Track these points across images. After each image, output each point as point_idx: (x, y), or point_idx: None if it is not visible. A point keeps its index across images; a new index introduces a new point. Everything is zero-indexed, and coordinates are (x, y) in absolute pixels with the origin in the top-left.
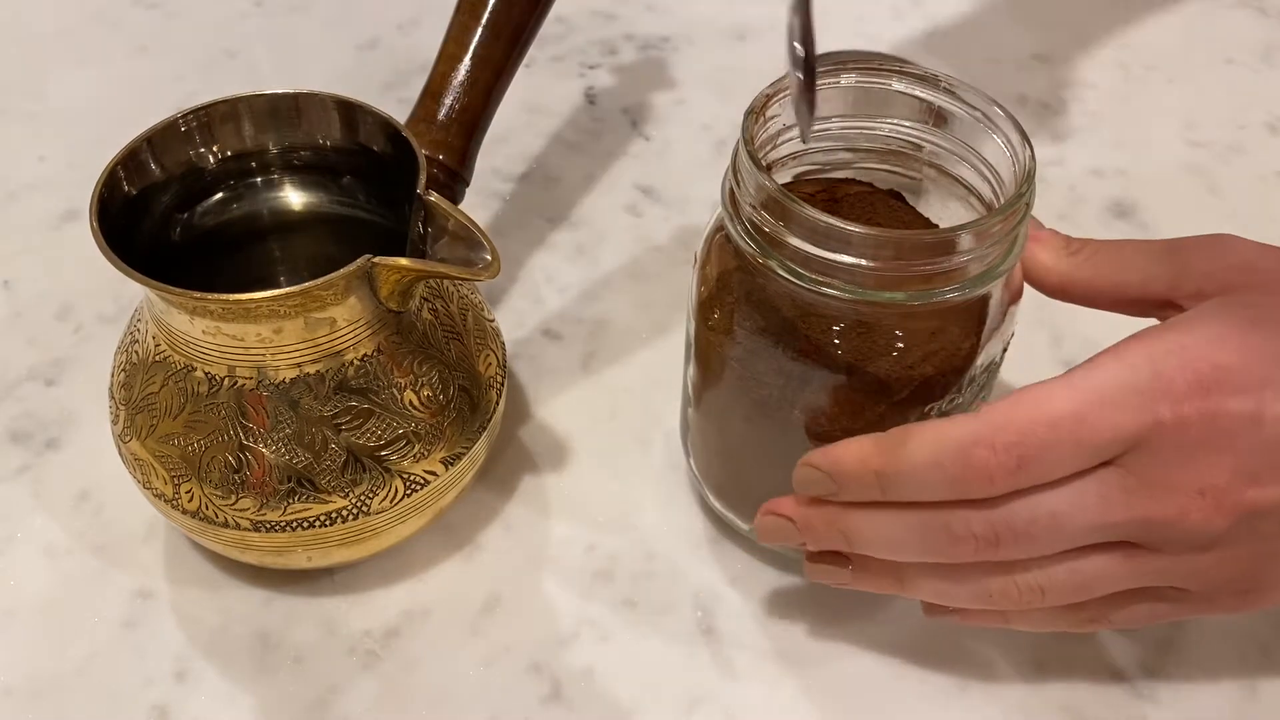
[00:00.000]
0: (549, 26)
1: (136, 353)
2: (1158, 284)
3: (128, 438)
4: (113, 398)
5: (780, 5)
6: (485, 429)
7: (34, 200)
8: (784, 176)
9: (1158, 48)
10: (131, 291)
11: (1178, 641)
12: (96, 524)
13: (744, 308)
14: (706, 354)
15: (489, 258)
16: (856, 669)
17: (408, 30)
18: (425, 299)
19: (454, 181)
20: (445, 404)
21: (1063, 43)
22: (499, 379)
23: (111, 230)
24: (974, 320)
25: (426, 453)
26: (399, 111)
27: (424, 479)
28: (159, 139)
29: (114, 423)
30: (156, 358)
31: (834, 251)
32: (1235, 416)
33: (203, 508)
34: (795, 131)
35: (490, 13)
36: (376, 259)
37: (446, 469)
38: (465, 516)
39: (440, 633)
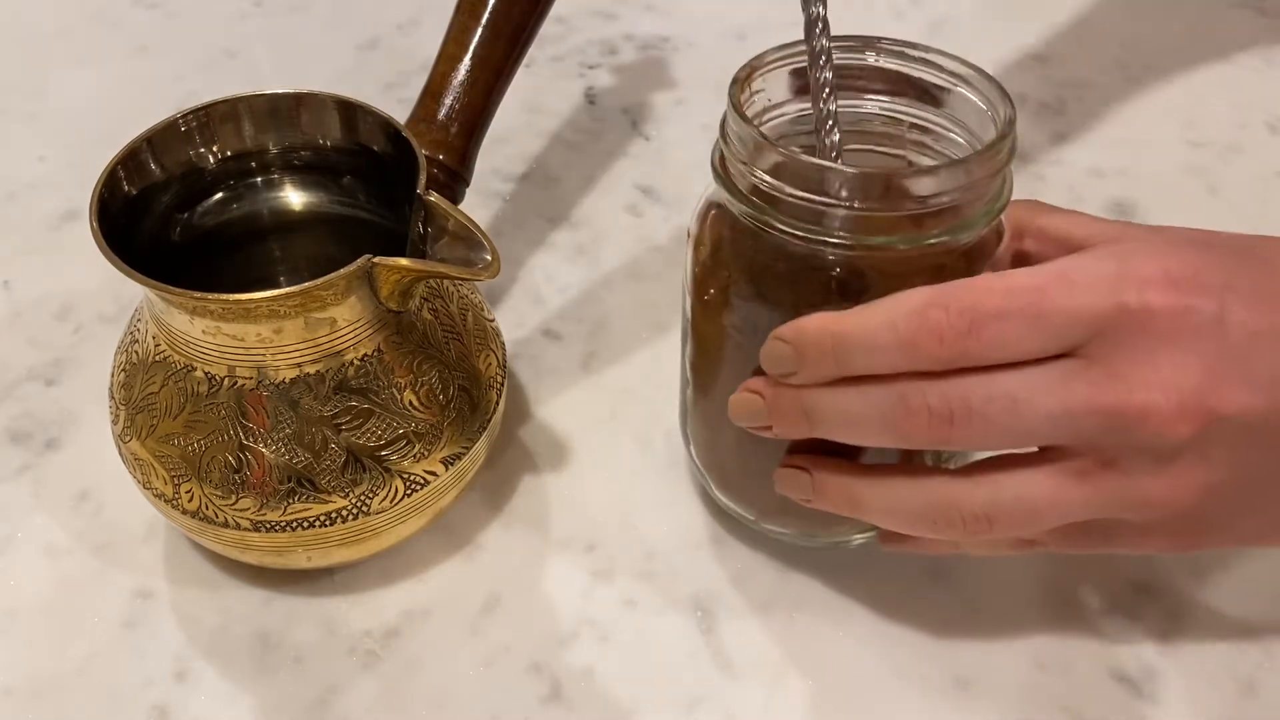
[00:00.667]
0: (549, 26)
1: (136, 353)
2: (1103, 240)
3: (128, 438)
4: (113, 398)
5: (779, 6)
6: (485, 429)
7: (34, 200)
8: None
9: (1158, 48)
10: (131, 291)
11: (1178, 641)
12: (96, 524)
13: (740, 276)
14: (705, 331)
15: (489, 258)
16: (857, 669)
17: (408, 30)
18: (425, 299)
19: (454, 181)
20: (445, 404)
21: (1063, 43)
22: (499, 379)
23: (111, 230)
24: (968, 269)
25: (426, 453)
26: (399, 111)
27: (424, 479)
28: (159, 139)
29: (114, 423)
30: (156, 358)
31: (826, 196)
32: (1201, 315)
33: (203, 508)
34: (778, 112)
35: (490, 13)
36: (377, 259)
37: (446, 469)
38: (465, 516)
39: (440, 633)
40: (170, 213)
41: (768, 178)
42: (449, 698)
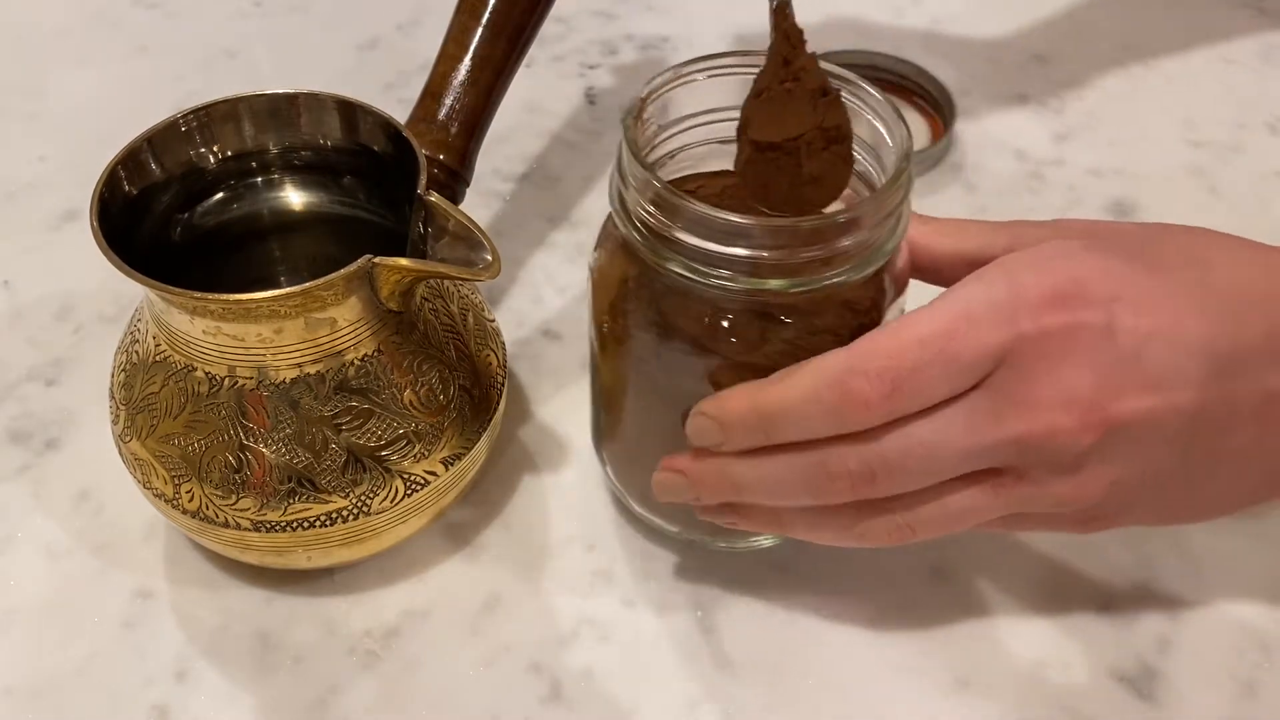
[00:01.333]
0: (549, 26)
1: (137, 353)
2: (995, 249)
3: (128, 438)
4: (113, 398)
5: None
6: (485, 429)
7: (34, 200)
8: (666, 174)
9: (1158, 48)
10: (131, 291)
11: (1178, 641)
12: (96, 524)
13: (642, 307)
14: (610, 360)
15: (489, 258)
16: (856, 668)
17: (408, 30)
18: (425, 299)
19: (454, 181)
20: (445, 404)
21: (1063, 43)
22: (499, 379)
23: (111, 230)
24: (868, 297)
25: (427, 453)
26: (399, 111)
27: (424, 479)
28: (159, 139)
29: (114, 423)
30: (157, 358)
31: (723, 244)
32: (1091, 328)
33: (203, 508)
34: (671, 130)
35: (490, 13)
36: (377, 259)
37: (446, 469)
38: (465, 516)
39: (440, 633)
40: (170, 213)
41: (664, 220)
42: (449, 698)
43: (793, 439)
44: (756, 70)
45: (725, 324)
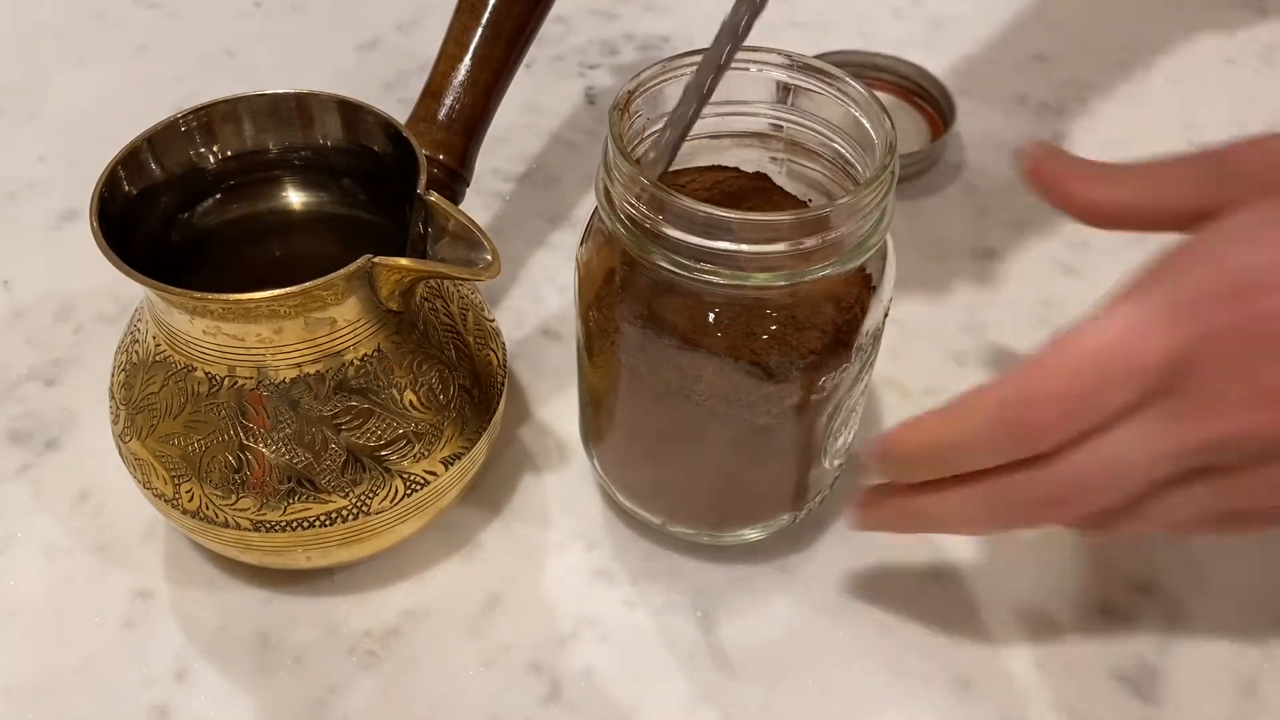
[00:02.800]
0: (549, 26)
1: (137, 353)
2: (1208, 199)
3: (128, 438)
4: (113, 398)
5: (780, 8)
6: (485, 429)
7: (34, 200)
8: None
9: (1158, 48)
10: (131, 291)
11: (1178, 641)
12: (96, 524)
13: (629, 301)
14: (598, 352)
15: (489, 258)
16: (857, 669)
17: (408, 30)
18: (425, 299)
19: (454, 181)
20: (445, 404)
21: (1063, 43)
22: (499, 379)
23: (111, 230)
24: (853, 292)
25: (426, 453)
26: (399, 111)
27: (424, 479)
28: (159, 139)
29: (114, 423)
30: (157, 358)
31: (708, 238)
32: (1273, 317)
33: (203, 508)
34: (659, 125)
35: (490, 13)
36: (377, 259)
37: (446, 469)
38: (465, 516)
39: (440, 633)
40: (170, 213)
41: (650, 214)
42: (449, 698)
43: (973, 469)
44: (746, 65)
45: (710, 317)
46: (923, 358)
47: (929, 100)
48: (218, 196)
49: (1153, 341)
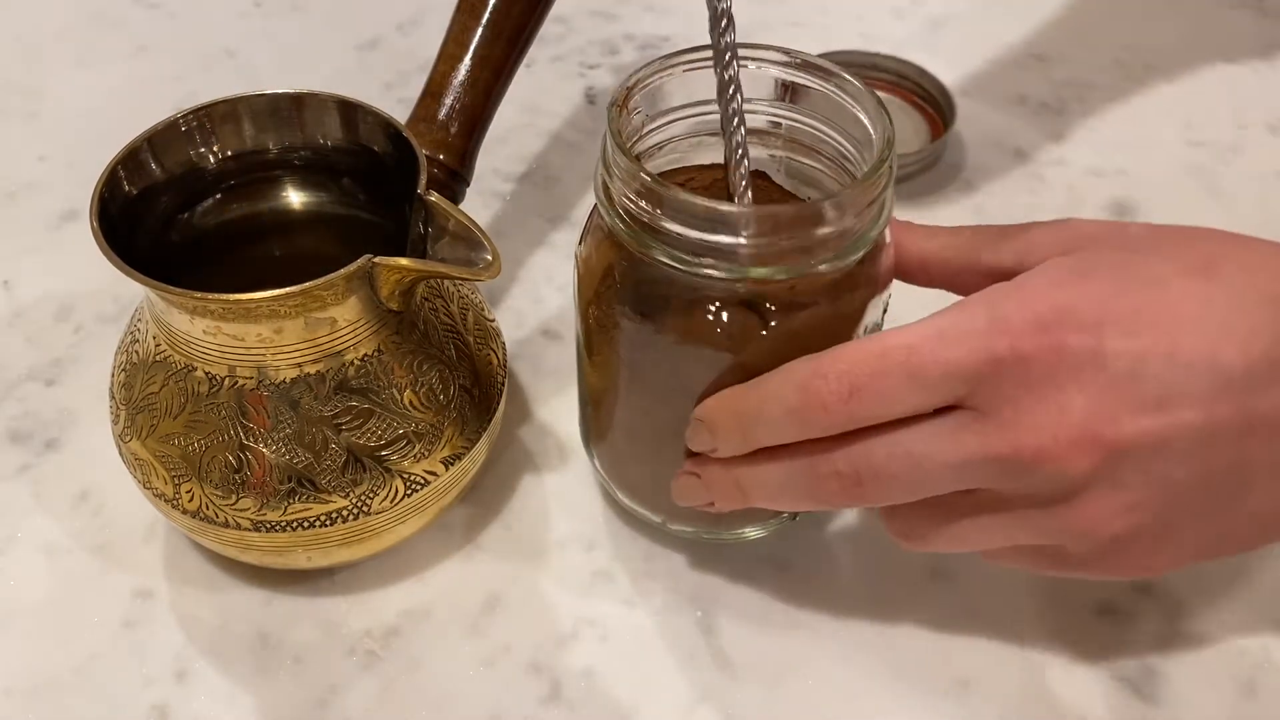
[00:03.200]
0: (549, 26)
1: (137, 353)
2: (1006, 257)
3: (128, 438)
4: (113, 398)
5: (780, 8)
6: (485, 429)
7: (34, 200)
8: (652, 167)
9: (1158, 48)
10: (131, 291)
11: (1178, 641)
12: (96, 524)
13: (628, 298)
14: (597, 349)
15: (489, 258)
16: (856, 668)
17: (408, 30)
18: (425, 299)
19: (454, 181)
20: (445, 404)
21: (1063, 43)
22: (499, 379)
23: (111, 230)
24: (852, 286)
25: (427, 453)
26: (399, 111)
27: (424, 479)
28: (159, 139)
29: (114, 423)
30: (157, 358)
31: (707, 232)
32: (1076, 352)
33: (203, 508)
34: (660, 121)
35: (490, 13)
36: (377, 259)
37: (446, 469)
38: (465, 516)
39: (440, 633)
40: (170, 213)
41: (649, 209)
42: (449, 698)
43: (767, 442)
44: (744, 63)
45: (709, 313)
46: None
47: (929, 100)
48: (218, 196)
49: (942, 353)
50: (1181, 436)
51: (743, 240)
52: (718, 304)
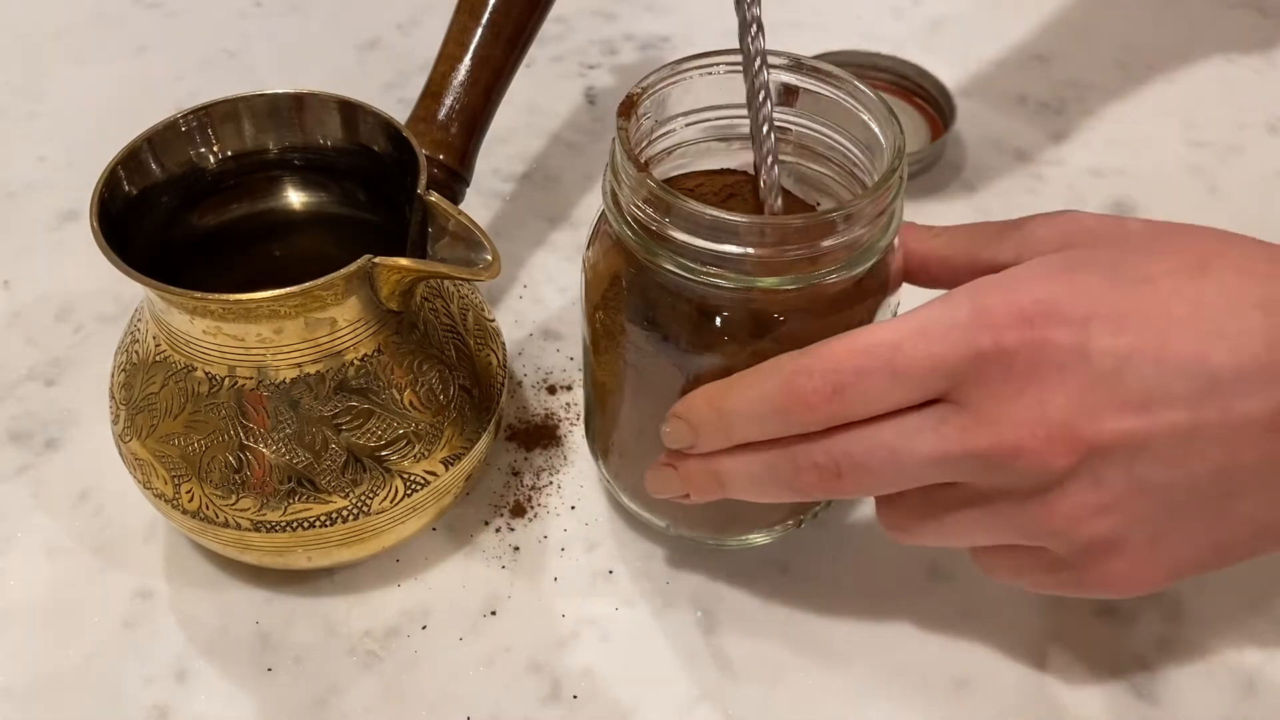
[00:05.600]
0: (549, 26)
1: (137, 353)
2: (1006, 252)
3: (128, 438)
4: (113, 398)
5: (779, 8)
6: (485, 429)
7: (34, 200)
8: (660, 171)
9: (1158, 48)
10: (131, 291)
11: (1178, 641)
12: (96, 524)
13: (636, 304)
14: (604, 354)
15: (489, 258)
16: (857, 669)
17: (408, 30)
18: (425, 299)
19: (454, 181)
20: (445, 404)
21: (1063, 43)
22: (499, 379)
23: (111, 230)
24: (861, 294)
25: (427, 453)
26: (399, 111)
27: (424, 479)
28: (159, 139)
29: (114, 423)
30: (157, 358)
31: (715, 241)
32: (1060, 348)
33: (203, 508)
34: (668, 127)
35: (490, 13)
36: (377, 259)
37: (447, 469)
38: (465, 516)
39: (440, 633)
40: (170, 213)
41: (657, 217)
42: (449, 698)
43: (750, 438)
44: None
45: (717, 322)
46: None
47: (929, 100)
48: (218, 196)
49: (926, 348)
50: (1165, 438)
51: (751, 250)
52: (725, 313)
